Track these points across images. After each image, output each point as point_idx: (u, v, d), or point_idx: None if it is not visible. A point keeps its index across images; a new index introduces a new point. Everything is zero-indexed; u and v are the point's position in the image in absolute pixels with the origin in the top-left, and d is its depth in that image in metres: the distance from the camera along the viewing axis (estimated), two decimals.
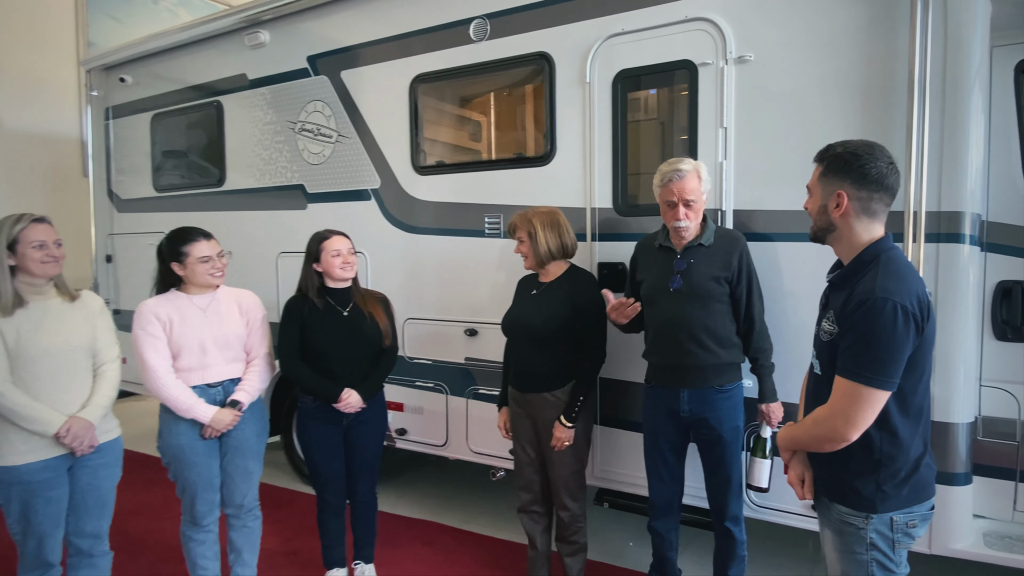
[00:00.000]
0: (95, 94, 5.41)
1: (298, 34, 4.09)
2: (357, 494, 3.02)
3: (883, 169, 1.68)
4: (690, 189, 2.45)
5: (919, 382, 1.67)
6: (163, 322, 2.64)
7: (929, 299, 1.65)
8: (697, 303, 2.50)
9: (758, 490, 2.44)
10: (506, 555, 3.46)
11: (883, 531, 1.69)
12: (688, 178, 2.45)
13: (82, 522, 2.47)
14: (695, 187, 2.46)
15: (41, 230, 2.34)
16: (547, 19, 3.17)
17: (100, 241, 5.47)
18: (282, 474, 4.52)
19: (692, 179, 2.46)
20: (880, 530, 1.69)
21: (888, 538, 1.69)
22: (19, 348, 2.28)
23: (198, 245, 2.68)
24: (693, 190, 2.46)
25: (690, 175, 2.46)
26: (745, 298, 2.51)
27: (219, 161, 4.58)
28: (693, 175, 2.46)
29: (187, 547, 2.82)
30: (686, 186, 2.45)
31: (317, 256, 2.87)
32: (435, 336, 3.66)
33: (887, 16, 2.47)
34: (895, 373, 1.59)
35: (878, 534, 1.69)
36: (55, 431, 2.30)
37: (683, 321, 2.51)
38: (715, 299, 2.49)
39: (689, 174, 2.46)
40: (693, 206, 2.48)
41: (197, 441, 2.68)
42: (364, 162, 3.85)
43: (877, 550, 1.70)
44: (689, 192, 2.45)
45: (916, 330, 1.59)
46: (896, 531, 1.69)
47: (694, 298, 2.50)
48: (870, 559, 1.70)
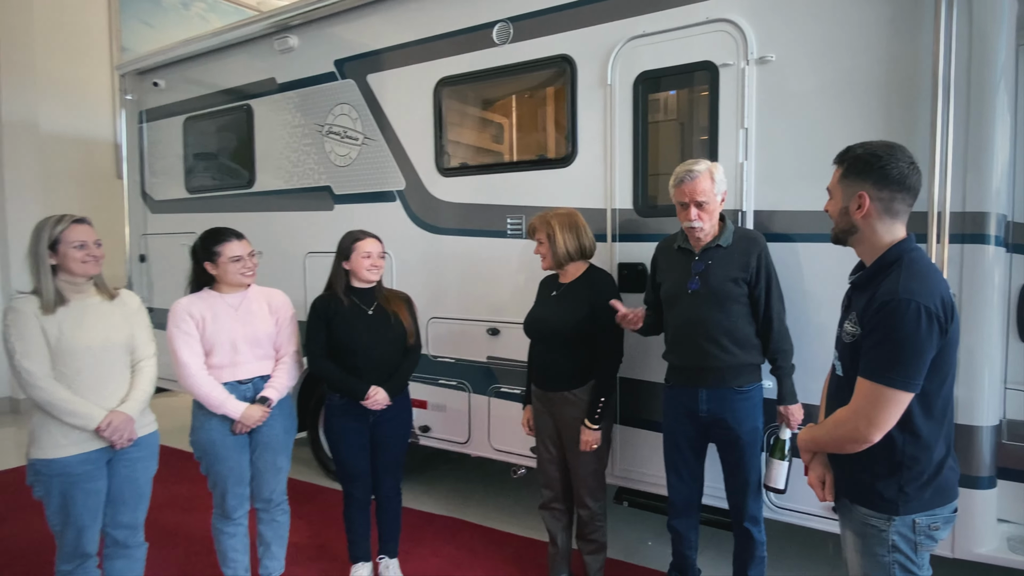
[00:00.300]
0: (129, 98, 5.54)
1: (326, 38, 4.16)
2: (382, 489, 3.06)
3: (904, 169, 1.67)
4: (701, 190, 2.45)
5: (943, 384, 1.65)
6: (196, 320, 2.71)
7: (953, 300, 1.64)
8: (715, 304, 2.50)
9: (775, 491, 2.45)
10: (527, 552, 3.48)
11: (905, 533, 1.68)
12: (700, 179, 2.45)
13: (119, 514, 2.52)
14: (706, 188, 2.45)
15: (82, 231, 2.39)
16: (569, 22, 3.19)
17: (134, 241, 5.59)
18: (309, 470, 4.60)
19: (704, 180, 2.45)
20: (902, 532, 1.68)
21: (910, 540, 1.68)
22: (61, 345, 2.33)
23: (230, 245, 2.75)
24: (704, 191, 2.45)
25: (702, 176, 2.45)
26: (764, 299, 2.50)
27: (249, 163, 4.67)
28: (706, 176, 2.46)
29: (218, 539, 2.89)
30: (697, 187, 2.45)
31: (348, 254, 2.93)
32: (458, 335, 3.70)
33: (911, 15, 2.45)
34: (918, 375, 1.57)
35: (900, 536, 1.68)
36: (96, 425, 2.35)
37: (701, 322, 2.51)
38: (733, 300, 2.49)
39: (702, 175, 2.45)
40: (705, 207, 2.47)
41: (228, 436, 2.74)
42: (389, 164, 3.91)
43: (899, 552, 1.68)
44: (700, 193, 2.45)
45: (940, 331, 1.57)
46: (918, 533, 1.68)
47: (712, 299, 2.50)
48: (892, 561, 1.69)
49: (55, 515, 2.39)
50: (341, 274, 2.94)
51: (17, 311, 2.32)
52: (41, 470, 2.35)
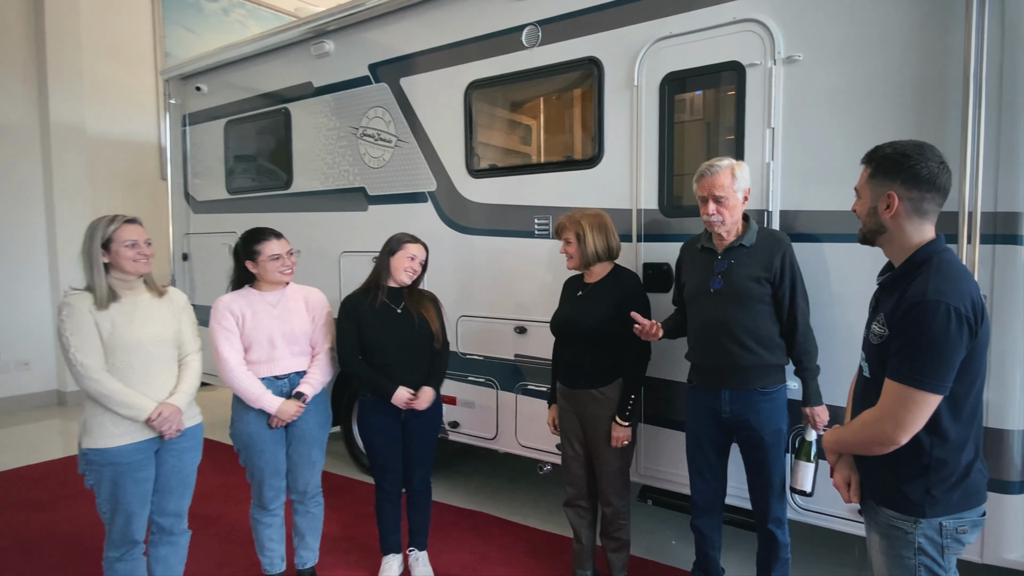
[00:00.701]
0: (173, 102, 5.70)
1: (360, 43, 4.24)
2: (412, 483, 3.12)
3: (934, 169, 1.65)
4: (720, 185, 2.46)
5: (972, 386, 1.63)
6: (236, 317, 2.81)
7: (983, 302, 1.61)
8: (737, 304, 2.49)
9: (801, 493, 2.43)
10: (551, 547, 3.52)
11: (932, 536, 1.66)
12: (720, 175, 2.46)
13: (165, 501, 2.60)
14: (726, 184, 2.46)
15: (133, 230, 2.46)
16: (597, 24, 3.22)
17: (177, 240, 5.76)
18: (342, 463, 4.71)
19: (725, 176, 2.46)
20: (929, 535, 1.66)
21: (937, 543, 1.66)
22: (113, 339, 2.41)
23: (269, 244, 2.84)
24: (723, 186, 2.46)
25: (723, 172, 2.46)
26: (788, 299, 2.48)
27: (287, 165, 4.79)
28: (727, 172, 2.46)
29: (256, 529, 2.99)
30: (716, 182, 2.46)
31: (394, 252, 2.99)
32: (486, 333, 3.76)
33: (941, 12, 2.42)
34: (947, 377, 1.56)
35: (927, 539, 1.66)
36: (147, 416, 2.42)
37: (723, 322, 2.51)
38: (756, 300, 2.48)
39: (723, 171, 2.46)
40: (724, 202, 2.47)
41: (265, 430, 2.83)
42: (421, 166, 3.98)
43: (925, 555, 1.66)
44: (719, 188, 2.46)
45: (969, 333, 1.55)
46: (945, 536, 1.66)
47: (734, 299, 2.50)
48: (918, 564, 1.67)
49: (105, 503, 2.46)
50: (386, 267, 3.00)
51: (72, 307, 2.39)
52: (93, 459, 2.42)
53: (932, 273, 1.60)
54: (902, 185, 1.66)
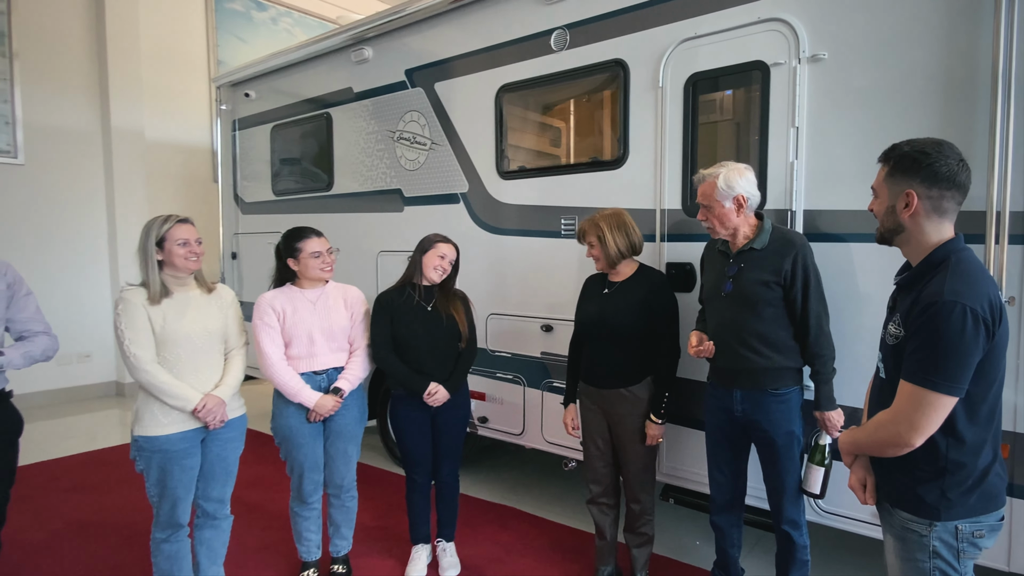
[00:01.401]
0: (224, 108, 5.94)
1: (397, 49, 4.36)
2: (441, 475, 3.19)
3: (954, 166, 1.62)
4: (703, 194, 2.54)
5: (989, 388, 1.61)
6: (278, 313, 2.90)
7: (1002, 302, 1.59)
8: (746, 307, 2.49)
9: (812, 496, 2.42)
10: (574, 542, 3.56)
11: (947, 539, 1.64)
12: (705, 184, 2.54)
13: (210, 488, 2.70)
14: (708, 193, 2.51)
15: (185, 229, 2.55)
16: (622, 27, 3.25)
17: (227, 240, 6.00)
18: (377, 456, 4.84)
19: (708, 186, 2.52)
20: (944, 538, 1.64)
21: (952, 547, 1.64)
22: (165, 333, 2.51)
23: (310, 242, 2.94)
24: (706, 195, 2.52)
25: (707, 182, 2.53)
26: (801, 302, 2.45)
27: (328, 167, 4.94)
28: (710, 182, 2.51)
29: (294, 521, 3.10)
30: (701, 191, 2.55)
31: (425, 251, 3.07)
32: (514, 331, 3.81)
33: (969, 9, 2.37)
34: (963, 379, 1.54)
35: (942, 542, 1.64)
36: (193, 407, 2.52)
37: (733, 324, 2.52)
38: (765, 303, 2.46)
39: (707, 181, 2.53)
40: (710, 211, 2.53)
41: (304, 424, 2.92)
42: (454, 168, 4.07)
43: (940, 559, 1.65)
44: (702, 197, 2.54)
45: (986, 335, 1.54)
46: (961, 540, 1.64)
47: (743, 302, 2.49)
48: (932, 567, 1.66)
49: (153, 487, 2.57)
50: (418, 265, 3.08)
51: (127, 301, 2.49)
52: (143, 446, 2.53)
53: (949, 273, 1.58)
54: (921, 183, 1.64)
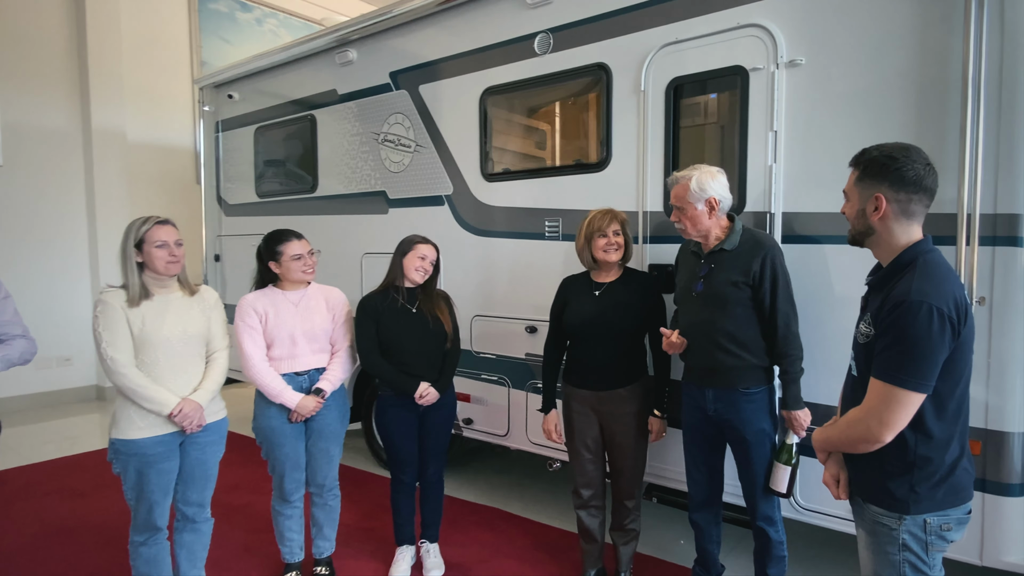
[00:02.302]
0: (207, 109, 5.90)
1: (381, 52, 4.36)
2: (426, 475, 3.19)
3: (920, 171, 1.67)
4: (676, 196, 2.58)
5: (956, 385, 1.65)
6: (260, 314, 2.90)
7: (968, 302, 1.63)
8: (716, 307, 2.52)
9: (778, 495, 2.47)
10: (559, 542, 3.57)
11: (916, 533, 1.69)
12: (678, 186, 2.58)
13: (189, 491, 2.68)
14: (681, 195, 2.56)
15: (164, 231, 2.52)
16: (605, 31, 3.28)
17: (210, 242, 5.96)
18: (361, 458, 4.82)
19: (681, 188, 2.57)
20: (913, 531, 1.69)
21: (921, 540, 1.69)
22: (143, 336, 2.48)
23: (291, 244, 2.94)
24: (679, 197, 2.57)
25: (680, 184, 2.57)
26: (769, 302, 2.48)
27: (312, 169, 4.92)
28: (683, 184, 2.56)
29: (276, 520, 3.09)
30: (674, 193, 2.59)
31: (405, 253, 3.07)
32: (499, 332, 3.82)
33: (941, 17, 2.43)
34: (930, 376, 1.59)
35: (911, 535, 1.69)
36: (169, 411, 2.50)
37: (704, 324, 2.55)
38: (735, 303, 2.50)
39: (680, 183, 2.57)
40: (683, 212, 2.57)
41: (285, 424, 2.91)
42: (439, 170, 4.08)
43: (910, 551, 1.69)
44: (675, 199, 2.58)
45: (952, 333, 1.58)
46: (930, 533, 1.68)
47: (713, 302, 2.53)
48: (902, 560, 1.70)
49: (131, 490, 2.56)
50: (399, 268, 3.08)
51: (105, 303, 2.47)
52: (120, 449, 2.52)
53: (917, 274, 1.63)
54: (889, 187, 1.69)
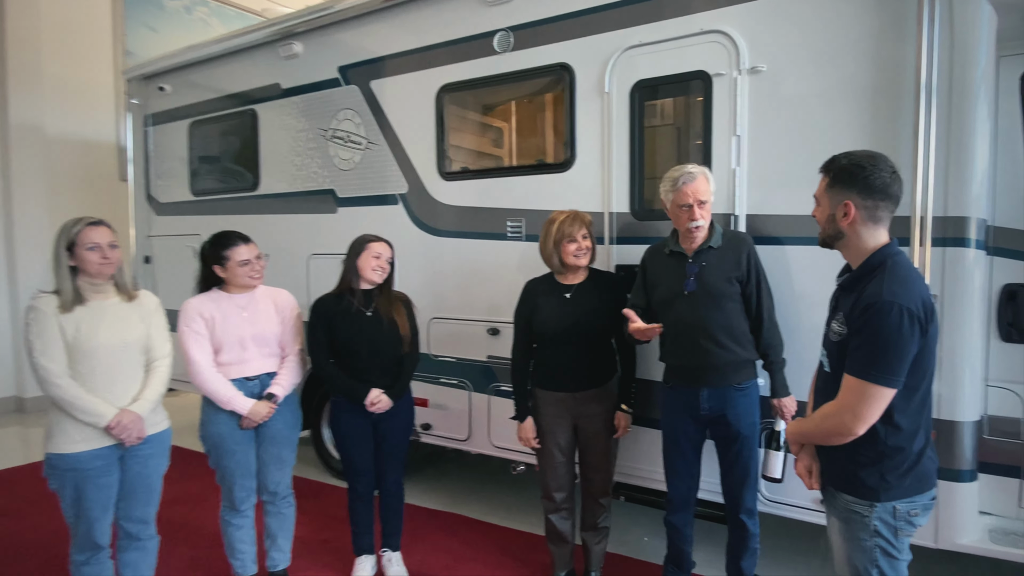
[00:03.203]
0: (135, 102, 5.59)
1: (330, 45, 4.23)
2: (385, 484, 3.12)
3: (887, 179, 1.76)
4: (702, 190, 2.56)
5: (923, 380, 1.75)
6: (206, 319, 2.79)
7: (933, 302, 1.73)
8: (712, 304, 2.57)
9: (772, 480, 2.54)
10: (525, 546, 3.55)
11: (886, 519, 1.77)
12: (699, 179, 2.56)
13: (131, 507, 2.57)
14: (706, 188, 2.57)
15: (96, 233, 2.43)
16: (568, 32, 3.28)
17: (139, 243, 5.65)
18: (311, 468, 4.66)
19: (702, 180, 2.56)
20: (883, 518, 1.77)
21: (891, 526, 1.77)
22: (77, 343, 2.38)
23: (238, 249, 2.82)
24: (705, 191, 2.56)
25: (700, 177, 2.56)
26: (755, 296, 2.59)
27: (253, 166, 4.74)
28: (702, 177, 2.57)
29: (226, 531, 2.96)
30: (699, 187, 2.55)
31: (359, 252, 2.99)
32: (459, 335, 3.77)
33: (895, 26, 2.54)
34: (901, 372, 1.67)
35: (881, 522, 1.77)
36: (106, 423, 2.39)
37: (700, 322, 2.58)
38: (729, 298, 2.57)
39: (700, 176, 2.56)
40: (706, 206, 2.57)
41: (235, 431, 2.81)
42: (392, 168, 3.98)
43: (880, 537, 1.77)
44: (702, 193, 2.55)
45: (920, 331, 1.66)
46: (899, 519, 1.77)
47: (709, 299, 2.57)
48: (873, 545, 1.78)
49: (69, 508, 2.45)
50: (353, 270, 2.99)
51: (37, 310, 2.36)
52: (56, 464, 2.40)
53: (886, 276, 1.71)
54: (858, 194, 1.77)
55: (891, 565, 1.79)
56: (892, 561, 1.79)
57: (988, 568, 2.91)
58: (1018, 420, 2.65)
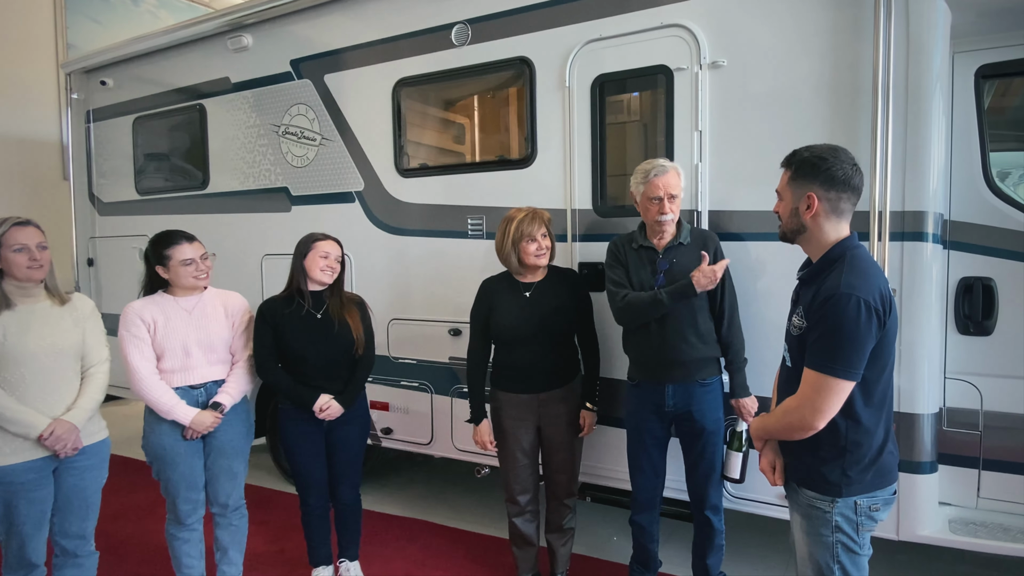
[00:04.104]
0: (75, 97, 5.38)
1: (281, 38, 4.12)
2: (340, 495, 3.02)
3: (848, 170, 1.77)
4: (673, 184, 2.56)
5: (882, 372, 1.75)
6: (147, 324, 2.67)
7: (891, 294, 1.74)
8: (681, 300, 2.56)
9: (733, 481, 2.55)
10: (489, 550, 3.50)
11: (848, 514, 1.78)
12: (670, 173, 2.57)
13: (67, 523, 2.48)
14: (676, 182, 2.57)
15: (23, 233, 2.34)
16: (527, 24, 3.23)
17: (81, 245, 5.44)
18: (268, 476, 4.53)
19: (673, 174, 2.57)
20: (845, 513, 1.78)
21: (852, 521, 1.78)
22: (5, 350, 2.29)
23: (180, 248, 2.70)
24: (675, 185, 2.57)
25: (671, 171, 2.58)
26: (720, 294, 2.60)
27: (202, 164, 4.59)
28: (673, 171, 2.58)
29: (172, 546, 2.84)
30: (670, 181, 2.55)
31: (305, 253, 2.89)
32: (419, 336, 3.70)
33: (853, 23, 2.56)
34: (859, 364, 1.67)
35: (843, 517, 1.78)
36: (38, 434, 2.31)
37: (668, 318, 2.57)
38: (696, 296, 2.55)
39: (671, 170, 2.58)
40: (676, 200, 2.58)
41: (179, 442, 2.70)
42: (348, 165, 3.89)
43: (842, 532, 1.79)
44: (672, 187, 2.56)
45: (878, 324, 1.67)
46: (860, 514, 1.78)
47: None
48: (835, 541, 1.79)
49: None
50: (301, 272, 2.90)
51: None
52: None
53: (845, 268, 1.72)
54: (820, 186, 1.77)
55: (852, 560, 1.80)
56: (853, 556, 1.80)
57: (952, 558, 2.97)
58: (975, 411, 2.70)
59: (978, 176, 2.68)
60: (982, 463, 2.69)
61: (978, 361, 2.68)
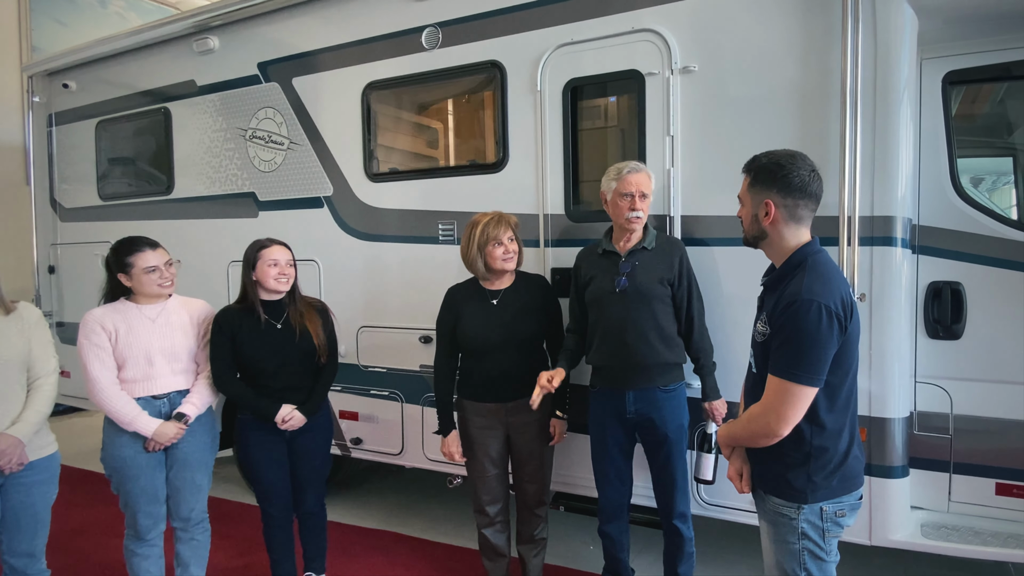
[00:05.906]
0: (37, 100, 5.27)
1: (248, 40, 4.05)
2: (304, 506, 2.95)
3: (805, 177, 1.77)
4: (645, 184, 2.59)
5: (845, 377, 1.75)
6: (108, 332, 2.60)
7: (853, 299, 1.75)
8: (643, 303, 2.57)
9: (705, 483, 2.53)
10: (460, 561, 3.46)
11: (813, 521, 1.77)
12: (643, 173, 2.60)
13: (15, 541, 2.41)
14: (648, 183, 2.60)
15: None
16: (498, 28, 3.21)
17: (42, 251, 5.30)
18: (235, 488, 4.43)
19: (645, 175, 2.61)
20: (811, 520, 1.77)
21: (818, 527, 1.78)
22: None
23: (143, 255, 2.63)
24: (647, 185, 2.59)
25: (644, 172, 2.61)
26: (686, 300, 2.61)
27: (167, 168, 4.49)
28: (646, 173, 2.61)
29: (131, 562, 2.76)
30: (642, 180, 2.58)
31: (253, 264, 2.81)
32: (389, 344, 3.64)
33: (822, 30, 2.57)
34: (821, 370, 1.67)
35: (809, 524, 1.77)
36: None
37: (630, 320, 2.57)
38: (659, 299, 2.57)
39: (644, 170, 2.61)
40: (646, 200, 2.59)
41: (140, 454, 2.63)
42: (316, 169, 3.83)
43: (808, 539, 1.78)
44: (644, 186, 2.58)
45: (840, 329, 1.67)
46: (826, 520, 1.78)
47: (640, 298, 2.57)
48: (802, 548, 1.79)
49: None
50: (252, 285, 2.81)
51: None
52: None
53: (807, 274, 1.73)
54: (778, 193, 1.78)
55: (819, 567, 1.80)
56: (820, 563, 1.80)
57: (929, 562, 2.97)
58: (946, 415, 2.70)
59: (946, 181, 2.70)
60: (953, 467, 2.70)
61: (948, 365, 2.70)
